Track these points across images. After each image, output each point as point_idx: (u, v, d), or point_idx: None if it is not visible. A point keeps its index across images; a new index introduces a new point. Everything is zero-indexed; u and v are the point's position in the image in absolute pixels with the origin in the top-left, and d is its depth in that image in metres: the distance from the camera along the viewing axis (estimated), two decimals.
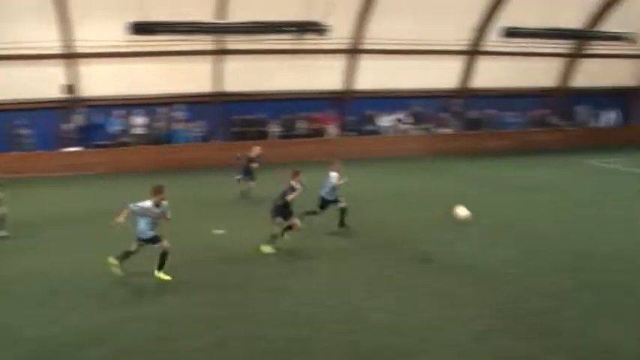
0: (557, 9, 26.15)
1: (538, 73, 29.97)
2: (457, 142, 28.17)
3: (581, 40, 29.46)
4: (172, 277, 10.35)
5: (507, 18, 26.19)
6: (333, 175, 13.41)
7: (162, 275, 10.39)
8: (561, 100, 31.52)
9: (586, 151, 27.95)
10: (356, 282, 10.38)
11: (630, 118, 33.40)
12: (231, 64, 24.88)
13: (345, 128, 27.02)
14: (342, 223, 13.67)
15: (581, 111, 32.04)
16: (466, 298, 9.59)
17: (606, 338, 8.08)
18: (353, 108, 27.30)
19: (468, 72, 28.77)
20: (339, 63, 26.30)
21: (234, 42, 24.16)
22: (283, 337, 8.12)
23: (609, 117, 32.68)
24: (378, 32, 24.96)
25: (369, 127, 27.61)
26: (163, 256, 10.37)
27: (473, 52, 28.16)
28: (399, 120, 28.02)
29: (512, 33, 26.25)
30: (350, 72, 26.59)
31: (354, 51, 25.97)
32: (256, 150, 17.92)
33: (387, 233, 13.56)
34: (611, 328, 8.40)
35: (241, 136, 25.46)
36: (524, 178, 20.86)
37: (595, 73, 30.69)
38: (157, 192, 10.37)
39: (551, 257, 11.77)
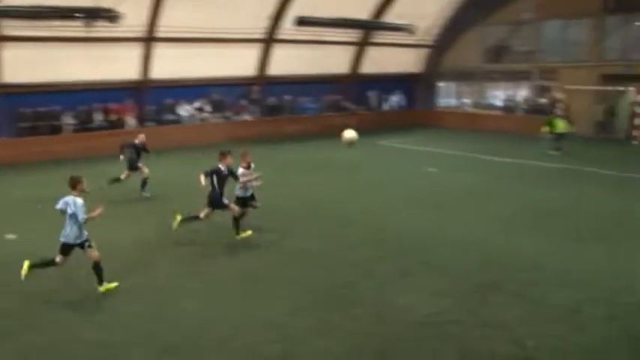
0: (346, 0, 27.71)
1: (331, 60, 31.46)
2: (257, 128, 28.63)
3: (368, 29, 31.48)
4: None
5: (301, 7, 27.10)
6: (241, 170, 12.48)
7: (109, 285, 9.26)
8: (353, 86, 33.46)
9: (378, 132, 30.03)
10: (168, 274, 10.24)
11: (414, 101, 36.49)
12: (13, 52, 22.64)
13: (144, 118, 26.20)
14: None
15: (372, 96, 34.36)
16: (276, 278, 9.91)
17: (402, 302, 8.87)
18: (151, 97, 26.52)
19: (264, 60, 29.30)
20: (134, 52, 25.29)
21: (13, 27, 22.03)
22: (97, 341, 7.76)
23: (396, 101, 35.46)
24: (174, 20, 24.33)
25: (169, 117, 27.05)
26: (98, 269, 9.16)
27: (269, 40, 28.72)
28: (199, 108, 27.85)
29: (304, 22, 27.31)
30: (146, 61, 25.71)
31: (149, 39, 25.13)
32: (141, 137, 16.74)
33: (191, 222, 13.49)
34: (407, 293, 9.23)
35: (32, 131, 23.57)
36: (323, 160, 21.88)
37: (382, 61, 33.00)
38: (78, 182, 9.02)
39: (350, 234, 12.53)
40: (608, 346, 7.55)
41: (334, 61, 31.71)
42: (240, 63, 28.50)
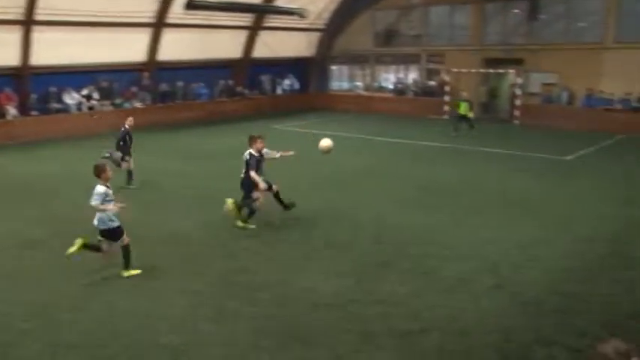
0: None
1: (224, 44, 31.05)
2: (148, 115, 27.52)
3: (260, 13, 31.27)
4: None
5: None
6: (265, 151, 12.22)
7: (132, 272, 9.45)
8: (247, 71, 33.23)
9: (272, 117, 30.11)
10: (39, 271, 9.78)
11: (307, 85, 36.77)
12: None
13: (27, 108, 24.74)
14: (285, 206, 12.56)
15: (265, 80, 34.23)
16: (172, 269, 9.74)
17: (303, 284, 8.99)
18: (34, 85, 25.01)
19: (154, 45, 28.43)
20: (12, 36, 23.68)
21: None
22: None
23: (288, 85, 35.52)
24: (57, 2, 23.05)
25: (55, 106, 25.69)
26: (126, 250, 9.42)
27: (158, 25, 27.87)
28: (87, 96, 26.63)
29: (195, 5, 26.72)
30: (26, 46, 24.17)
31: (28, 22, 23.64)
32: (130, 120, 16.04)
33: (73, 216, 12.96)
34: (307, 275, 9.38)
35: None
36: (218, 147, 21.61)
37: (275, 45, 32.95)
38: (102, 171, 9.24)
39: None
40: (500, 312, 8.02)
41: (227, 45, 31.31)
42: (130, 48, 27.46)
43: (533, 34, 28.60)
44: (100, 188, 9.08)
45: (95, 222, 9.21)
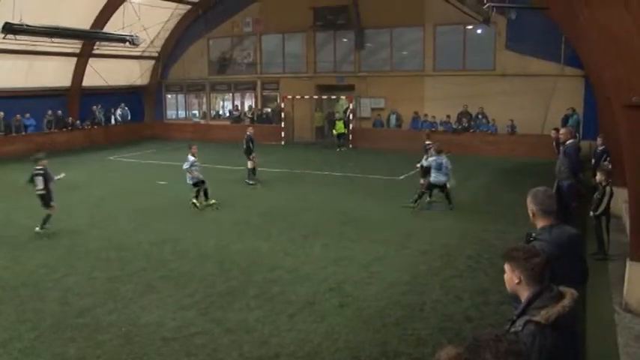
0: (64, 8, 25.95)
1: (52, 72, 29.44)
2: None
3: (89, 40, 29.85)
4: None
5: (9, 14, 24.60)
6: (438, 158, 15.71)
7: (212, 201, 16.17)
8: (77, 100, 31.64)
9: (106, 148, 28.92)
10: None
11: (142, 114, 35.81)
12: None
13: None
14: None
15: (99, 109, 32.72)
16: (3, 316, 8.93)
17: (147, 320, 8.64)
18: None
19: None
20: None
21: None
22: None
23: (121, 114, 34.23)
24: None
25: None
26: (205, 190, 16.15)
27: None
28: None
29: (14, 30, 24.78)
30: None
31: None
32: (251, 129, 20.20)
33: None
34: (150, 310, 9.04)
35: None
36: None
37: (107, 73, 31.62)
38: (190, 147, 16.13)
39: (82, 257, 11.85)
40: (347, 330, 8.26)
41: (55, 73, 29.62)
42: None
43: (362, 62, 30.13)
44: (190, 157, 15.86)
45: (190, 180, 15.92)
